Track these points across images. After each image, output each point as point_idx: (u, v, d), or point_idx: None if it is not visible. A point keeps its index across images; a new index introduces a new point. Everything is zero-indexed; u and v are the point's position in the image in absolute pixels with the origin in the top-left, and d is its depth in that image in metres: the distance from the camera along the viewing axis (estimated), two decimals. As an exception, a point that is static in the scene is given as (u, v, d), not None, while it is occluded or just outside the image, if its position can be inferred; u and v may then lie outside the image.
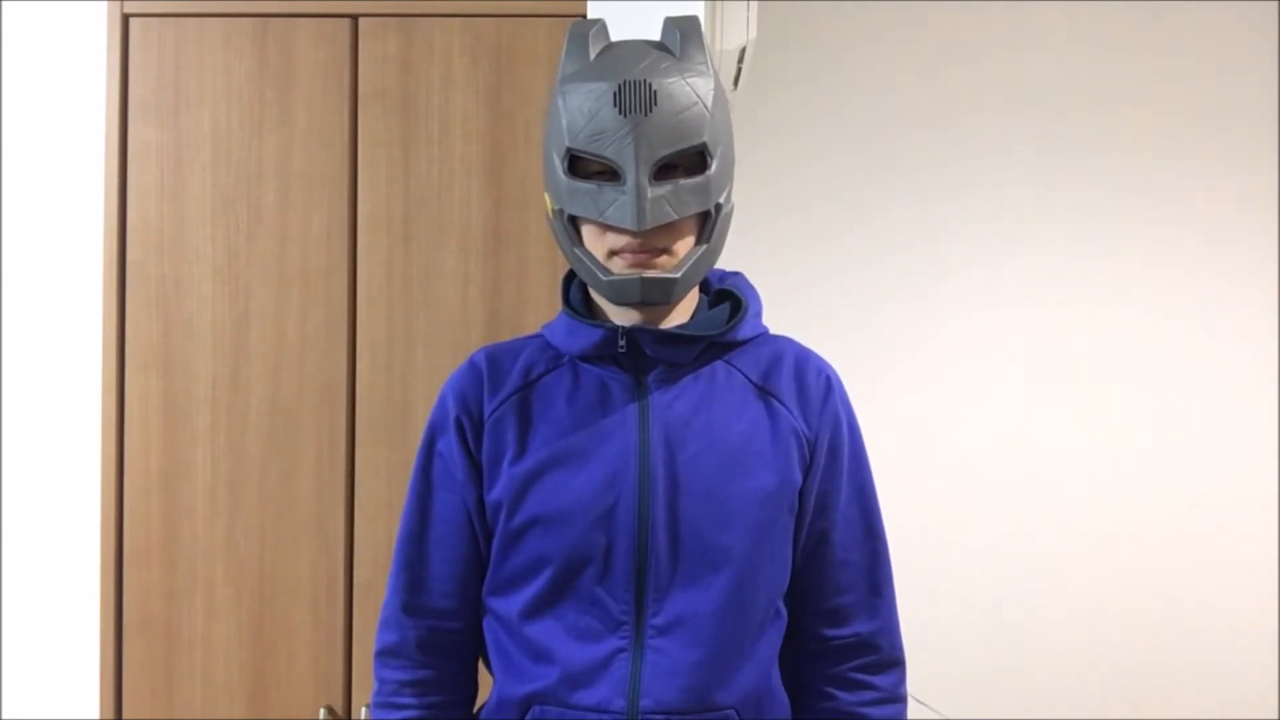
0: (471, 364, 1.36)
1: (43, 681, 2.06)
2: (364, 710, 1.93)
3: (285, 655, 1.96)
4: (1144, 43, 3.20)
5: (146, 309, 1.98)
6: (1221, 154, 3.18)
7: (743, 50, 2.31)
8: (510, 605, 1.31)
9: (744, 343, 1.34)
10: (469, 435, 1.33)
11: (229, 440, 1.97)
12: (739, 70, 2.44)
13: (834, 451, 1.34)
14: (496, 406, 1.32)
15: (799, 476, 1.31)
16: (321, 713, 1.93)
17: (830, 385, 1.35)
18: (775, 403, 1.31)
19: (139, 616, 1.97)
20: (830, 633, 1.34)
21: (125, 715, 1.96)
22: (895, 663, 1.37)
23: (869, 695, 1.34)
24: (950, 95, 3.22)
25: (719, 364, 1.32)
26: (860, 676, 1.34)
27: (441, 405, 1.36)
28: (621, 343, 1.28)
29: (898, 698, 1.36)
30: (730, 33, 2.23)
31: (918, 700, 2.97)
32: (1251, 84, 3.18)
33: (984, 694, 3.11)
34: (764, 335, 1.38)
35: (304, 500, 1.96)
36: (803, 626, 1.36)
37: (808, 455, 1.32)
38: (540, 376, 1.33)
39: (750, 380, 1.32)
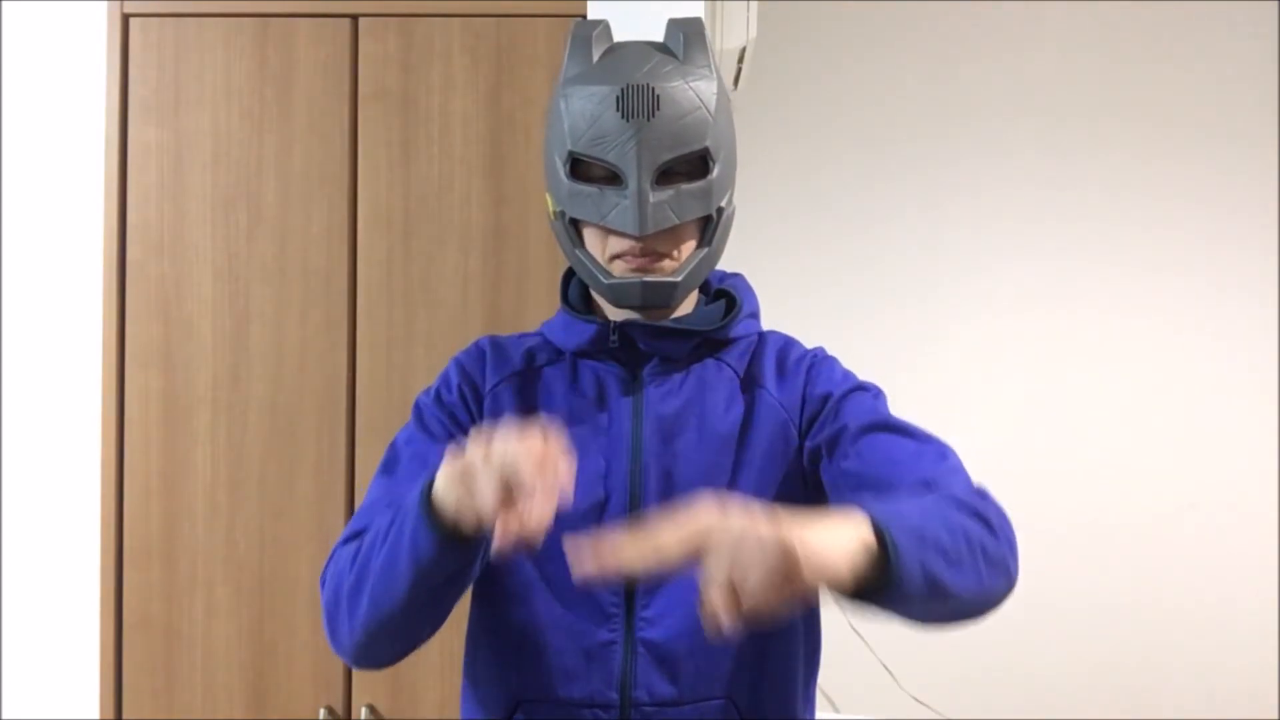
0: (477, 345, 1.38)
1: (43, 681, 2.06)
2: (364, 710, 1.93)
3: (285, 655, 1.96)
4: (1145, 44, 3.20)
5: (146, 309, 1.98)
6: (1222, 155, 3.18)
7: (743, 50, 2.31)
8: (498, 598, 1.31)
9: (736, 340, 1.35)
10: (470, 402, 1.33)
11: (229, 440, 1.97)
12: (739, 70, 2.44)
13: (827, 398, 1.28)
14: (497, 383, 1.33)
15: (794, 457, 1.29)
16: (321, 713, 1.94)
17: (815, 358, 1.33)
18: (759, 390, 1.31)
19: (139, 616, 1.97)
20: None
21: (125, 715, 1.97)
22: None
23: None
24: (951, 96, 3.22)
25: (710, 360, 1.33)
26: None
27: (444, 376, 1.36)
28: (613, 337, 1.29)
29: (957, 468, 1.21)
30: (730, 33, 2.23)
31: (918, 700, 2.97)
32: (1252, 85, 3.18)
33: (984, 694, 3.12)
34: (758, 335, 1.38)
35: (304, 500, 1.96)
36: None
37: (801, 426, 1.29)
38: (541, 367, 1.34)
39: (738, 374, 1.33)
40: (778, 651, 1.33)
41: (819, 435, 1.27)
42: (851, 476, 1.23)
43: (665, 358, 1.30)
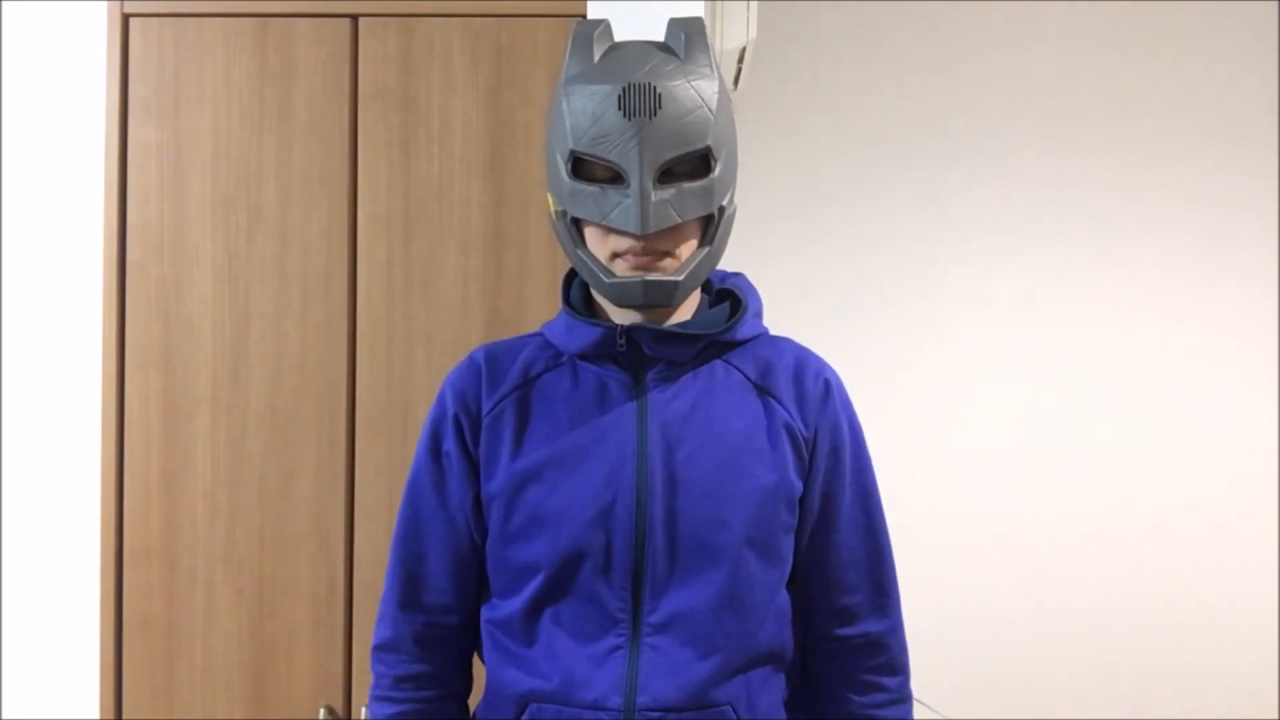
0: (471, 361, 1.37)
1: (43, 681, 2.06)
2: (364, 710, 1.92)
3: (285, 655, 1.96)
4: (1144, 44, 3.20)
5: (146, 309, 1.98)
6: (1222, 154, 3.18)
7: (743, 50, 2.31)
8: (508, 603, 1.31)
9: (743, 342, 1.35)
10: (466, 432, 1.33)
11: (229, 440, 1.97)
12: (739, 70, 2.44)
13: (835, 453, 1.34)
14: (495, 404, 1.32)
15: (796, 474, 1.31)
16: (321, 713, 1.93)
17: (829, 387, 1.35)
18: (772, 401, 1.32)
19: (139, 616, 1.97)
20: (840, 632, 1.36)
21: (125, 715, 1.96)
22: (904, 664, 1.39)
23: (880, 697, 1.36)
24: (951, 96, 3.22)
25: (718, 363, 1.33)
26: (871, 678, 1.36)
27: (440, 402, 1.36)
28: (621, 341, 1.29)
29: (905, 698, 1.38)
30: (730, 33, 2.23)
31: (918, 700, 2.97)
32: (1252, 84, 3.18)
33: (984, 694, 3.11)
34: (764, 336, 1.38)
35: (304, 500, 1.96)
36: (812, 627, 1.37)
37: (806, 455, 1.32)
38: (539, 375, 1.33)
39: (749, 379, 1.33)
40: (780, 662, 1.33)
41: (814, 488, 1.34)
42: (810, 555, 1.36)
43: (670, 362, 1.30)
